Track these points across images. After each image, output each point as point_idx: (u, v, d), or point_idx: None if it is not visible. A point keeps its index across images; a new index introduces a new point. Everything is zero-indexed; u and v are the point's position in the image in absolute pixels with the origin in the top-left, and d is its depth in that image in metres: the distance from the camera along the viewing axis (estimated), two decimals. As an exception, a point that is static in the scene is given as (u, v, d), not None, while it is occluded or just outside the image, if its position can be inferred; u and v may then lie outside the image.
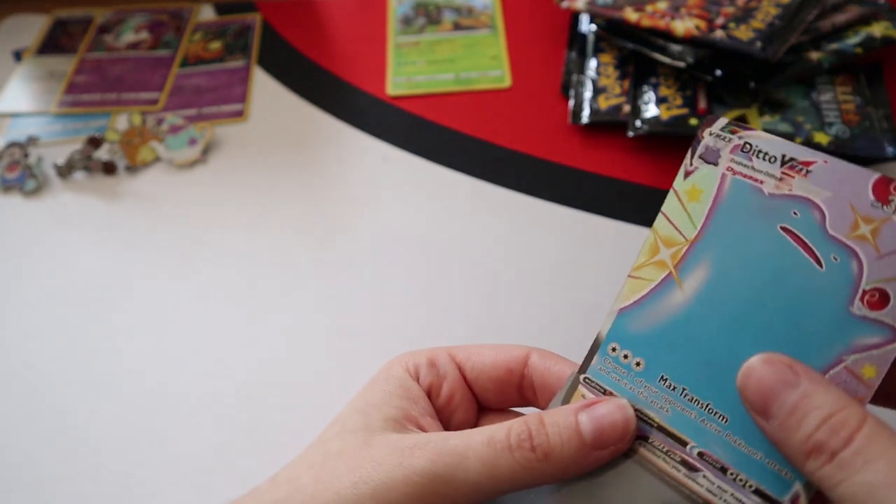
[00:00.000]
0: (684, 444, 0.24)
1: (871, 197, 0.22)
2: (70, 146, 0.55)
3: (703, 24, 0.51)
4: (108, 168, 0.53)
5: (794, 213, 0.23)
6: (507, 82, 0.58)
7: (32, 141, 0.56)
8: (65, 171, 0.53)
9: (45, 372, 0.43)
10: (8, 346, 0.44)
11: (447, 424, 0.29)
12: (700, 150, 0.25)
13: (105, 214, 0.51)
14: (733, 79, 0.50)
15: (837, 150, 0.48)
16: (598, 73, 0.56)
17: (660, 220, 0.25)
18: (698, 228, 0.24)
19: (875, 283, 0.22)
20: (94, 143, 0.54)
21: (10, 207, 0.52)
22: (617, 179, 0.50)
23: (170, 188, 0.52)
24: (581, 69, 0.57)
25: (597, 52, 0.57)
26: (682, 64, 0.51)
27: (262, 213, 0.50)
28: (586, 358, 0.26)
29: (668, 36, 0.52)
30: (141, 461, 0.39)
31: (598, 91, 0.54)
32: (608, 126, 0.53)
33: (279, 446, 0.39)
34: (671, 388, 0.24)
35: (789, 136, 0.48)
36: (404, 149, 0.53)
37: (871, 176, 0.22)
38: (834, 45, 0.52)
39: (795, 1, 0.51)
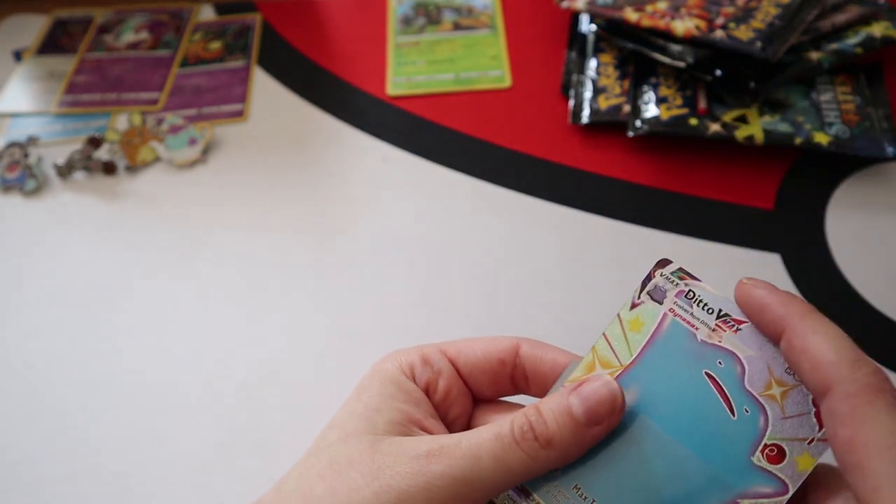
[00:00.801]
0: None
1: (786, 364, 0.24)
2: (70, 146, 0.55)
3: (703, 24, 0.51)
4: (108, 168, 0.53)
5: (719, 363, 0.26)
6: (507, 82, 0.58)
7: (32, 141, 0.56)
8: (65, 171, 0.53)
9: (45, 372, 0.43)
10: (8, 346, 0.44)
11: (445, 418, 0.30)
12: (649, 286, 0.27)
13: (105, 214, 0.51)
14: (733, 79, 0.50)
15: (838, 150, 0.48)
16: (598, 73, 0.56)
17: (601, 342, 0.28)
18: (634, 357, 0.27)
19: (776, 439, 0.24)
20: (94, 143, 0.54)
21: (10, 207, 0.52)
22: (617, 179, 0.50)
23: (170, 188, 0.52)
24: (581, 69, 0.57)
25: (597, 52, 0.57)
26: (682, 64, 0.51)
27: (262, 213, 0.50)
28: None
29: (668, 36, 0.52)
30: (141, 461, 0.39)
31: (598, 91, 0.54)
32: (608, 126, 0.53)
33: (279, 446, 0.39)
34: (583, 496, 0.26)
35: (789, 136, 0.48)
36: (404, 149, 0.53)
37: None
38: (834, 45, 0.52)
39: (795, 1, 0.51)
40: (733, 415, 0.25)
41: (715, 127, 0.49)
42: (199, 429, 0.40)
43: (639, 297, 0.28)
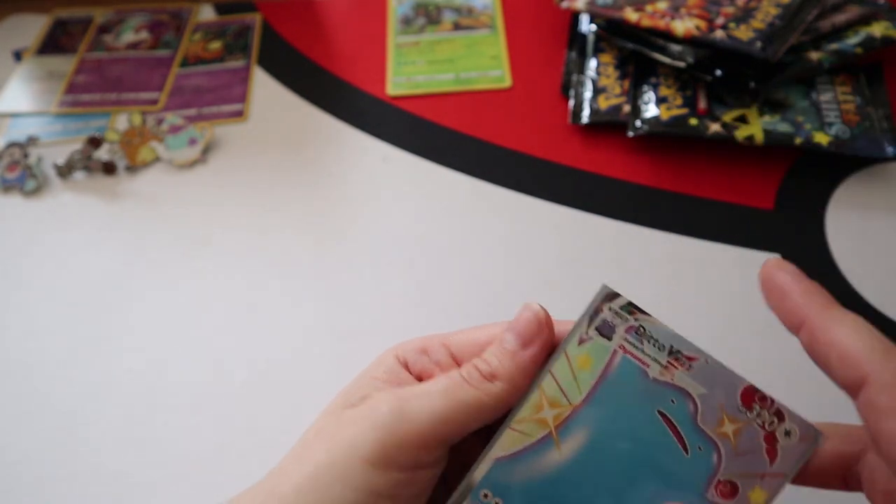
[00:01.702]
0: None
1: (738, 401, 0.25)
2: (70, 146, 0.55)
3: (703, 24, 0.51)
4: (108, 168, 0.53)
5: (672, 401, 0.25)
6: (507, 82, 0.58)
7: (32, 141, 0.56)
8: (65, 171, 0.53)
9: (45, 371, 0.43)
10: (8, 345, 0.44)
11: None
12: (597, 322, 0.26)
13: (105, 214, 0.51)
14: (733, 79, 0.50)
15: (838, 150, 0.48)
16: (598, 73, 0.56)
17: (547, 381, 0.27)
18: (583, 396, 0.26)
19: (729, 475, 0.25)
20: (94, 143, 0.54)
21: (10, 207, 0.52)
22: (617, 179, 0.50)
23: (170, 188, 0.52)
24: (581, 69, 0.56)
25: (597, 52, 0.57)
26: (682, 64, 0.51)
27: (261, 213, 0.50)
28: (456, 499, 0.27)
29: (668, 36, 0.52)
30: (141, 461, 0.39)
31: (598, 91, 0.54)
32: (608, 126, 0.53)
33: (280, 446, 0.39)
34: None
35: (789, 136, 0.49)
36: (404, 149, 0.53)
37: (741, 383, 0.25)
38: (834, 45, 0.52)
39: (795, 1, 0.51)
40: (686, 452, 0.25)
41: (715, 127, 0.49)
42: (200, 429, 0.40)
43: (587, 333, 0.27)
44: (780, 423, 0.25)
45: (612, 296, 0.27)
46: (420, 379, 0.29)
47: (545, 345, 0.27)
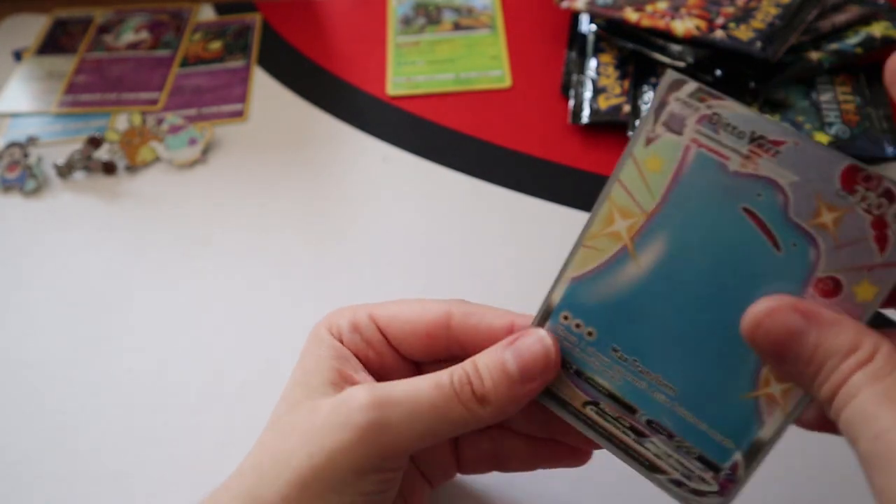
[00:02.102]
0: (633, 411, 0.25)
1: (838, 185, 0.21)
2: (70, 146, 0.55)
3: (703, 24, 0.51)
4: (108, 168, 0.53)
5: (758, 195, 0.23)
6: (507, 82, 0.58)
7: (32, 141, 0.56)
8: (65, 171, 0.53)
9: (45, 371, 0.43)
10: (7, 345, 0.44)
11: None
12: (664, 116, 0.23)
13: (105, 214, 0.51)
14: (733, 79, 0.50)
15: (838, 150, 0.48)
16: (598, 73, 0.56)
17: (616, 189, 0.25)
18: (657, 201, 0.24)
19: (830, 271, 0.22)
20: (94, 143, 0.54)
21: (10, 207, 0.52)
22: (617, 179, 0.50)
23: (170, 188, 0.52)
24: (581, 69, 0.57)
25: (597, 52, 0.57)
26: (682, 64, 0.51)
27: (262, 213, 0.50)
28: (537, 323, 0.26)
29: (668, 36, 0.52)
30: (141, 461, 0.39)
31: (598, 91, 0.54)
32: (608, 126, 0.53)
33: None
34: (622, 359, 0.25)
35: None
36: (404, 149, 0.53)
37: (840, 163, 0.22)
38: (834, 45, 0.52)
39: (795, 1, 0.51)
40: (779, 250, 0.22)
41: (715, 127, 0.49)
42: (200, 429, 0.40)
43: (653, 131, 0.24)
44: (890, 204, 0.21)
45: (679, 83, 0.23)
46: (360, 358, 0.29)
47: (546, 383, 0.26)
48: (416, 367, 0.31)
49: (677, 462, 0.24)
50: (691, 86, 0.23)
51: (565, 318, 0.26)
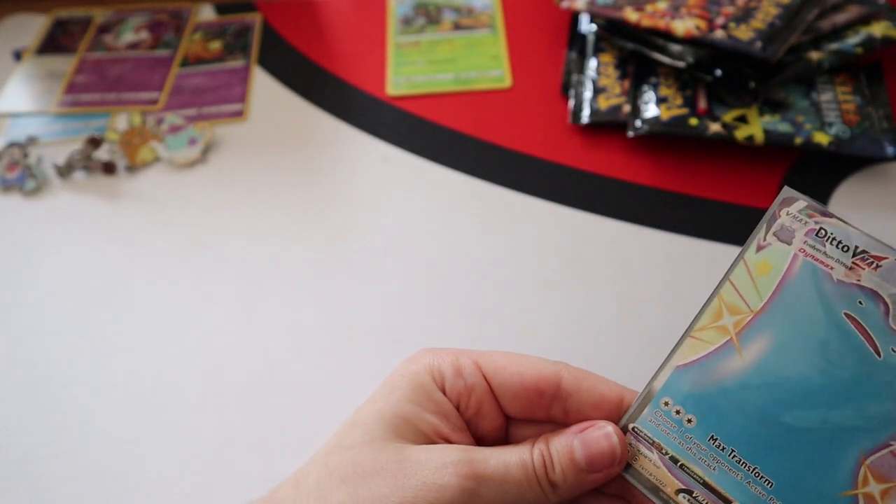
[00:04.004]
0: (728, 502, 0.25)
1: None
2: (70, 146, 0.55)
3: (703, 24, 0.51)
4: (108, 168, 0.53)
5: (860, 303, 0.24)
6: (507, 82, 0.58)
7: (32, 141, 0.56)
8: (65, 171, 0.53)
9: (44, 371, 0.43)
10: (7, 345, 0.44)
11: (475, 433, 0.29)
12: (775, 227, 0.26)
13: (105, 214, 0.51)
14: (733, 79, 0.50)
15: (838, 150, 0.48)
16: (598, 73, 0.56)
17: (727, 288, 0.26)
18: (764, 301, 0.26)
19: None
20: (94, 143, 0.54)
21: (10, 207, 0.52)
22: (617, 179, 0.50)
23: (170, 188, 0.52)
24: (581, 69, 0.56)
25: (597, 52, 0.57)
26: (682, 64, 0.51)
27: (262, 213, 0.50)
28: (636, 408, 0.27)
29: (668, 36, 0.52)
30: (140, 461, 0.39)
31: (598, 91, 0.54)
32: (608, 126, 0.53)
33: (279, 446, 0.39)
34: (720, 447, 0.25)
35: (789, 136, 0.48)
36: (404, 149, 0.53)
37: None
38: (834, 45, 0.52)
39: (795, 1, 0.51)
40: (879, 356, 0.24)
41: (715, 127, 0.49)
42: (199, 429, 0.40)
43: (764, 239, 0.26)
44: None
45: (790, 200, 0.26)
46: (457, 405, 0.29)
47: (612, 476, 0.27)
48: (507, 420, 0.31)
49: None
50: (801, 203, 0.26)
51: (665, 403, 0.27)
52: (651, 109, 0.51)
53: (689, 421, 0.26)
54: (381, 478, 0.25)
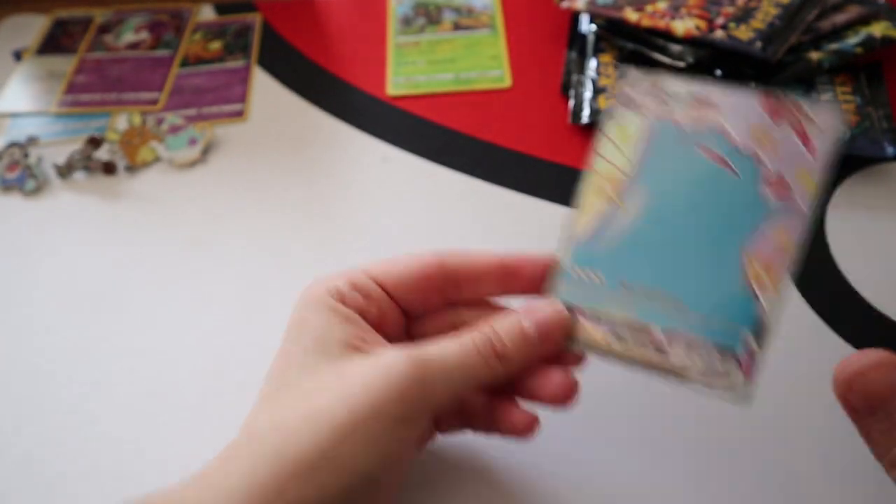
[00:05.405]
0: (649, 328, 0.29)
1: (764, 115, 0.30)
2: (70, 146, 0.55)
3: (703, 24, 0.51)
4: (108, 168, 0.53)
5: (708, 137, 0.30)
6: (507, 82, 0.58)
7: (32, 141, 0.56)
8: (65, 171, 0.53)
9: (44, 372, 0.43)
10: (7, 345, 0.44)
11: (384, 337, 0.31)
12: (622, 99, 0.32)
13: (105, 214, 0.51)
14: (733, 79, 0.50)
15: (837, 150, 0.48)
16: (598, 73, 0.56)
17: (598, 162, 0.32)
18: (632, 161, 0.31)
19: (776, 175, 0.29)
20: (94, 143, 0.54)
21: (10, 207, 0.52)
22: (617, 179, 0.50)
23: (170, 188, 0.52)
24: (581, 69, 0.57)
25: (597, 52, 0.57)
26: (682, 64, 0.51)
27: (262, 213, 0.50)
28: (554, 287, 0.31)
29: (668, 36, 0.52)
30: (140, 461, 0.39)
31: (598, 91, 0.54)
32: (608, 126, 0.53)
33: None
34: (630, 288, 0.30)
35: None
36: (404, 149, 0.53)
37: (758, 98, 0.30)
38: (834, 45, 0.52)
39: (795, 1, 0.51)
40: (736, 175, 0.29)
41: (715, 127, 0.49)
42: (199, 429, 0.40)
43: (617, 113, 0.32)
44: (806, 119, 0.29)
45: (627, 73, 0.32)
46: (361, 315, 0.31)
47: (559, 346, 0.30)
48: (412, 321, 0.33)
49: (700, 361, 0.28)
50: (636, 73, 0.32)
51: (575, 271, 0.31)
52: (651, 109, 0.51)
53: (599, 278, 0.30)
54: (325, 394, 0.27)
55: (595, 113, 0.53)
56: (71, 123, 0.58)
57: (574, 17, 0.60)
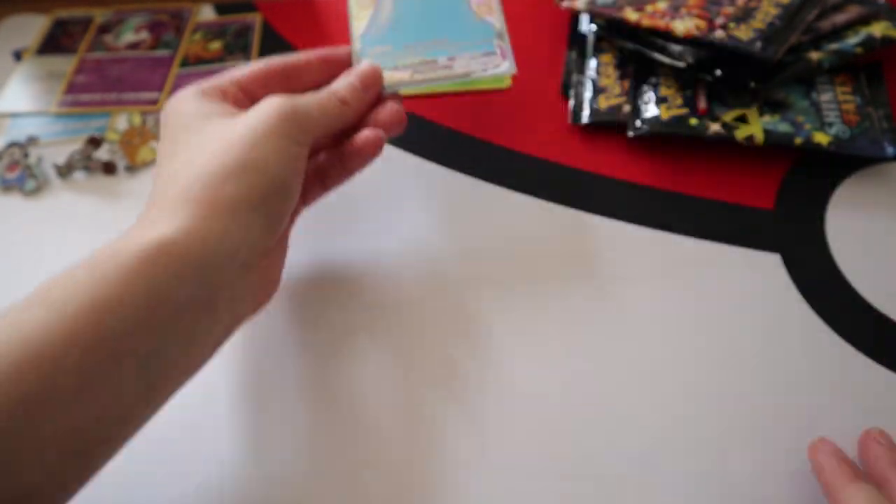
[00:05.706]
0: (437, 59, 0.44)
1: None
2: (70, 146, 0.55)
3: (703, 24, 0.51)
4: (108, 168, 0.53)
5: None
6: (506, 82, 0.58)
7: (32, 141, 0.56)
8: (65, 171, 0.53)
9: (45, 372, 0.43)
10: (8, 346, 0.44)
11: None
12: None
13: (105, 214, 0.51)
14: (733, 79, 0.50)
15: (838, 150, 0.48)
16: (598, 73, 0.56)
17: (350, 3, 0.48)
18: None
19: None
20: (94, 143, 0.54)
21: (9, 207, 0.52)
22: (617, 179, 0.50)
23: (170, 188, 0.52)
24: (581, 69, 0.57)
25: (597, 52, 0.57)
26: (682, 64, 0.51)
27: (262, 213, 0.50)
28: (358, 63, 0.44)
29: (668, 36, 0.52)
30: (139, 463, 0.39)
31: (598, 91, 0.54)
32: (608, 126, 0.53)
33: (280, 446, 0.39)
34: (411, 45, 0.45)
35: (789, 136, 0.49)
36: (404, 149, 0.53)
37: None
38: (834, 45, 0.52)
39: (795, 1, 0.51)
40: None
41: (715, 127, 0.49)
42: (199, 430, 0.40)
43: None
44: None
45: None
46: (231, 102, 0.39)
47: (378, 89, 0.42)
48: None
49: (476, 63, 0.43)
50: None
51: (369, 52, 0.44)
52: (651, 109, 0.51)
53: (388, 48, 0.44)
54: (216, 138, 0.35)
55: (595, 113, 0.53)
56: (71, 123, 0.58)
57: (574, 17, 0.60)
